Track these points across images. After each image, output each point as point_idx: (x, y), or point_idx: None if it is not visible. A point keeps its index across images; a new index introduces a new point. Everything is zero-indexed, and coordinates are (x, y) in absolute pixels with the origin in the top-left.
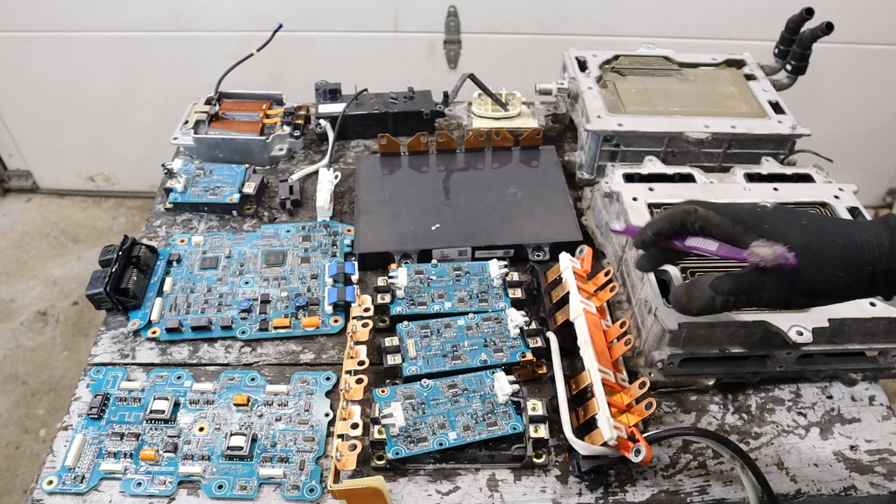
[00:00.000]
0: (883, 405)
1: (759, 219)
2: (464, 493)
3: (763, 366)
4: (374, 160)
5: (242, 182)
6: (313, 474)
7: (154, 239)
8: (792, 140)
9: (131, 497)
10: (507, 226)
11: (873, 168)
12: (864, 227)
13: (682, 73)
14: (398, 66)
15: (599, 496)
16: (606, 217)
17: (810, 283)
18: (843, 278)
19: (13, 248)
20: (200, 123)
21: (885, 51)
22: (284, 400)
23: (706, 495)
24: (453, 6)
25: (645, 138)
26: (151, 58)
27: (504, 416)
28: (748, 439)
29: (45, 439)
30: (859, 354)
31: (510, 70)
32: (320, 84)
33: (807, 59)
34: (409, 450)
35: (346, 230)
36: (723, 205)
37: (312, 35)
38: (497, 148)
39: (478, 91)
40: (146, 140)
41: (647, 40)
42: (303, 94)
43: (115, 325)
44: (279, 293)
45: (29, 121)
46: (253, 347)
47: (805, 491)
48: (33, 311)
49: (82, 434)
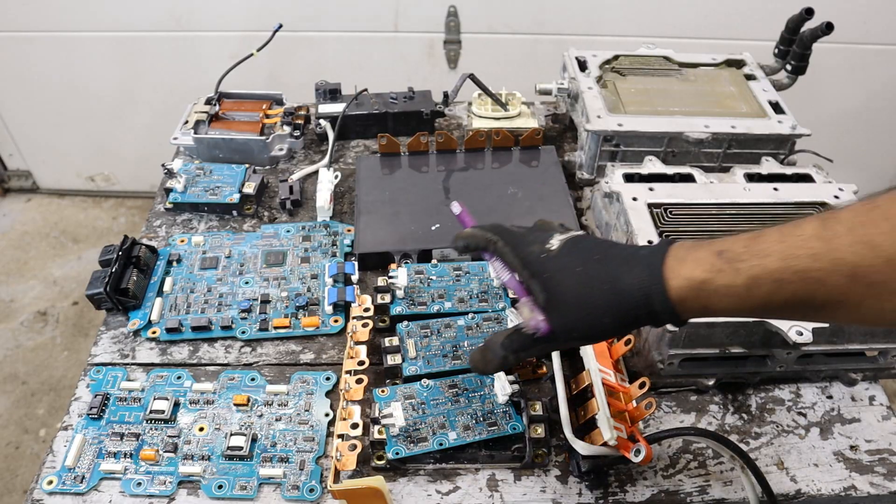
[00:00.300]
0: (883, 405)
1: (541, 266)
2: (464, 493)
3: (763, 366)
4: (374, 160)
5: (242, 182)
6: (313, 474)
7: (154, 239)
8: (792, 140)
9: (131, 497)
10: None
11: (873, 168)
12: (631, 269)
13: (682, 73)
14: (398, 66)
15: (599, 496)
16: (606, 217)
17: (582, 332)
18: (611, 323)
19: (13, 248)
20: (200, 123)
21: (885, 51)
22: (284, 400)
23: (706, 495)
24: (453, 6)
25: (645, 138)
26: (151, 58)
27: (504, 416)
28: (748, 439)
29: (45, 439)
30: (859, 354)
31: (510, 70)
32: (320, 84)
33: (807, 59)
34: (409, 450)
35: (346, 230)
36: (520, 237)
37: (312, 35)
38: (497, 148)
39: (478, 91)
40: (146, 140)
41: (647, 40)
42: (303, 94)
43: (115, 325)
44: (279, 293)
45: (29, 121)
46: (253, 347)
47: (805, 491)
48: (33, 311)
49: (82, 434)
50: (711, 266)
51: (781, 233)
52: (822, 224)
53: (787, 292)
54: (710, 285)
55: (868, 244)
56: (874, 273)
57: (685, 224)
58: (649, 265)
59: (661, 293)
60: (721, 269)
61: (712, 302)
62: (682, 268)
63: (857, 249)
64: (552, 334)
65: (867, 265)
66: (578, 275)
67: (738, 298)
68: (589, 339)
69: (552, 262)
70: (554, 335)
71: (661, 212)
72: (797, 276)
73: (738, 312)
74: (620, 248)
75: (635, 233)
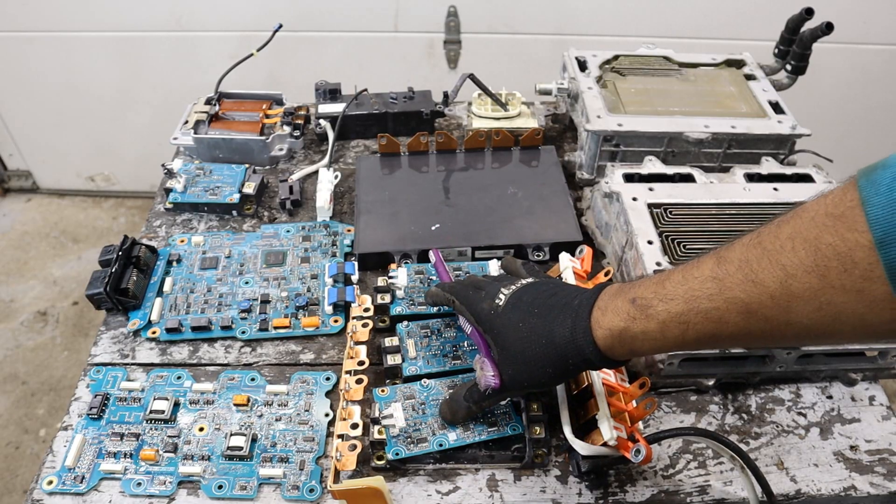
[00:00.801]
0: (883, 405)
1: (490, 323)
2: (464, 493)
3: (763, 366)
4: (374, 160)
5: (242, 182)
6: (313, 474)
7: (154, 239)
8: (792, 140)
9: (131, 497)
10: (506, 226)
11: None
12: (563, 322)
13: (681, 73)
14: (398, 66)
15: (599, 496)
16: (606, 217)
17: (531, 382)
18: (553, 373)
19: (13, 248)
20: (200, 123)
21: (885, 51)
22: (284, 400)
23: (706, 495)
24: (453, 6)
25: (645, 138)
26: (151, 58)
27: (504, 417)
28: (748, 439)
29: (45, 439)
30: (859, 354)
31: (510, 70)
32: (320, 84)
33: (807, 59)
34: (409, 450)
35: (346, 230)
36: (474, 296)
37: (312, 35)
38: (497, 148)
39: (478, 91)
40: (146, 140)
41: (647, 40)
42: (303, 94)
43: (115, 325)
44: (279, 293)
45: (29, 121)
46: (253, 347)
47: (805, 491)
48: (33, 311)
49: (82, 434)
50: (627, 314)
51: (684, 275)
52: (717, 263)
53: (696, 332)
54: (628, 332)
55: (754, 282)
56: (764, 308)
57: (685, 224)
58: (577, 318)
59: (590, 343)
60: (635, 317)
61: (635, 346)
62: (603, 318)
63: (746, 287)
64: (503, 386)
65: (757, 301)
66: (520, 330)
67: (656, 341)
68: (537, 386)
69: (499, 318)
70: (505, 387)
71: (661, 212)
72: (700, 317)
73: (658, 351)
74: (558, 296)
75: (635, 233)
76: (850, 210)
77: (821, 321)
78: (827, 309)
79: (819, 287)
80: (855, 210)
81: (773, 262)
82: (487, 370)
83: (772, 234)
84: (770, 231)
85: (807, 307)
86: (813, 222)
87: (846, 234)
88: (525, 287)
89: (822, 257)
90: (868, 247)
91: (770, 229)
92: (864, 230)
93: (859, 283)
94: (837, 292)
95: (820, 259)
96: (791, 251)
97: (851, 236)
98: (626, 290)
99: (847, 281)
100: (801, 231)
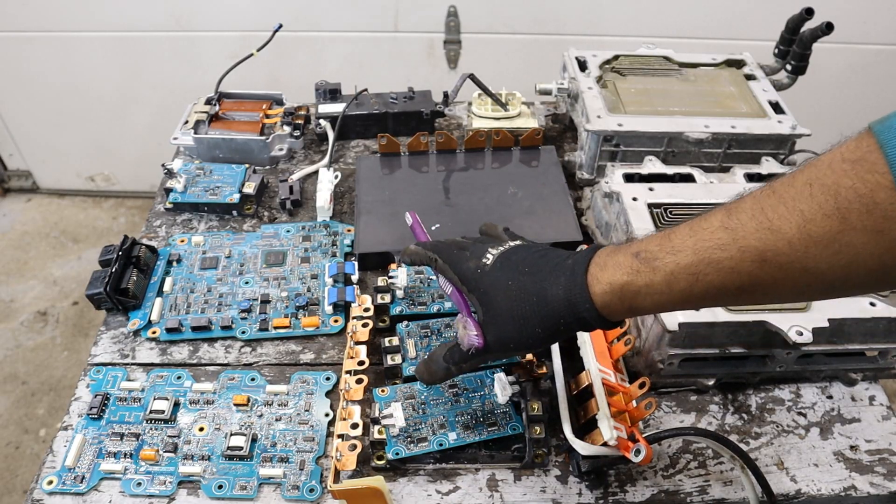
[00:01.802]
0: (883, 405)
1: (476, 282)
2: (464, 493)
3: (763, 366)
4: (374, 160)
5: (242, 182)
6: (313, 474)
7: (154, 239)
8: (792, 140)
9: (131, 497)
10: (506, 226)
11: None
12: (557, 280)
13: (681, 73)
14: (398, 66)
15: (599, 496)
16: (606, 217)
17: (518, 343)
18: (541, 333)
19: (13, 248)
20: (200, 123)
21: (885, 51)
22: (284, 400)
23: (706, 495)
24: (453, 6)
25: (645, 138)
26: (151, 58)
27: (504, 417)
28: (748, 439)
29: (45, 439)
30: (859, 354)
31: (510, 70)
32: (320, 84)
33: (807, 59)
34: (409, 450)
35: (346, 230)
36: (458, 254)
37: (312, 35)
38: (497, 148)
39: (478, 91)
40: (146, 140)
41: (647, 40)
42: (303, 94)
43: (115, 325)
44: (279, 293)
45: (29, 121)
46: (253, 347)
47: (805, 491)
48: (33, 311)
49: (82, 434)
50: (630, 268)
51: (691, 228)
52: (727, 214)
53: (704, 283)
54: (631, 287)
55: (769, 229)
56: (780, 255)
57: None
58: (573, 274)
59: (586, 300)
60: (639, 270)
61: (636, 302)
62: (603, 273)
63: (760, 235)
64: (487, 347)
65: (772, 249)
66: (509, 288)
67: (660, 295)
68: (524, 348)
69: (486, 277)
70: (489, 347)
71: (661, 212)
72: (711, 268)
73: (662, 308)
74: (549, 257)
75: (635, 233)
76: (869, 153)
77: (837, 265)
78: (845, 252)
79: (839, 230)
80: (874, 153)
81: (790, 208)
82: (471, 329)
83: (786, 183)
84: (783, 182)
85: (825, 251)
86: (830, 168)
87: (866, 176)
88: (514, 247)
89: (843, 200)
90: (889, 187)
91: (783, 180)
92: (885, 171)
93: (881, 224)
94: (858, 233)
95: (841, 202)
96: (809, 197)
97: (872, 178)
98: (625, 247)
99: (868, 221)
100: (819, 177)
